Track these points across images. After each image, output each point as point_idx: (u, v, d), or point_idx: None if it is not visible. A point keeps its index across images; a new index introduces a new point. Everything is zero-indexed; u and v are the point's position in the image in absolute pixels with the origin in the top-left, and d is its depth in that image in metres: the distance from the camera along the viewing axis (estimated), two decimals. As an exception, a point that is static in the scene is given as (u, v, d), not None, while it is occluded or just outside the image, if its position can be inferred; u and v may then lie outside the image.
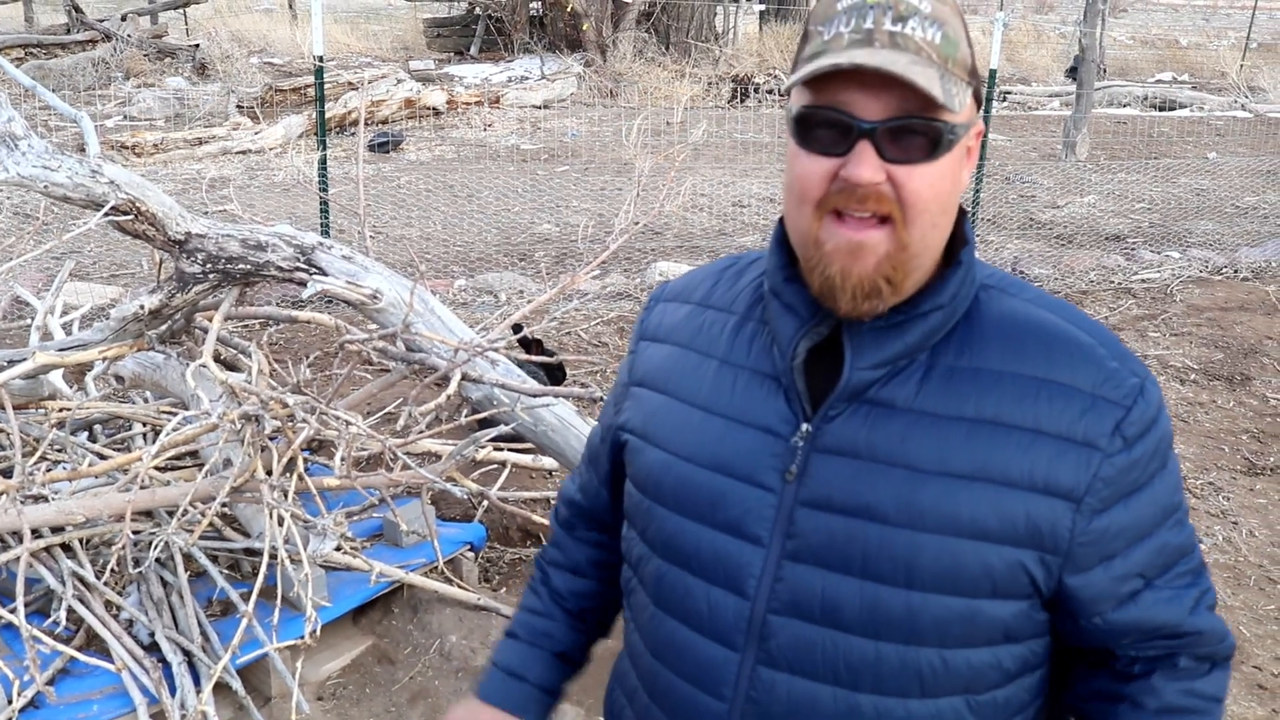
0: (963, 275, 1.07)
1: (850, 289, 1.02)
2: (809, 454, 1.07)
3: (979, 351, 1.07)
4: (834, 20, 1.00)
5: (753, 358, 1.13)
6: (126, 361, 3.42)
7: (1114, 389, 1.05)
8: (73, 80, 11.79)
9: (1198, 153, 11.11)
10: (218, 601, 2.94)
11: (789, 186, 1.05)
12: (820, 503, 1.06)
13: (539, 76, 13.93)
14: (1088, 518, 1.04)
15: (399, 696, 2.91)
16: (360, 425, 2.82)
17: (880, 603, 1.04)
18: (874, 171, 0.98)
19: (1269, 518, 4.11)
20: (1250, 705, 3.05)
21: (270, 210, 7.57)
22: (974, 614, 1.04)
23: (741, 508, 1.09)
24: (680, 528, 1.13)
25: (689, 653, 1.13)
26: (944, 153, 1.00)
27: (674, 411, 1.17)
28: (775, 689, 1.08)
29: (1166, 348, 5.82)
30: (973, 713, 1.08)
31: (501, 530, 3.67)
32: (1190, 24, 25.16)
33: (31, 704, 2.50)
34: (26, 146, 2.91)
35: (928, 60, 0.97)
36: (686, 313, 1.22)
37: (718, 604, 1.11)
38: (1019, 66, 16.97)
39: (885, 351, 1.06)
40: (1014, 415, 1.04)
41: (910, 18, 0.98)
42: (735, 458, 1.10)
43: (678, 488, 1.14)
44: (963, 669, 1.06)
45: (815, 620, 1.06)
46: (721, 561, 1.10)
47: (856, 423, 1.06)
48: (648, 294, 6.29)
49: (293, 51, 15.66)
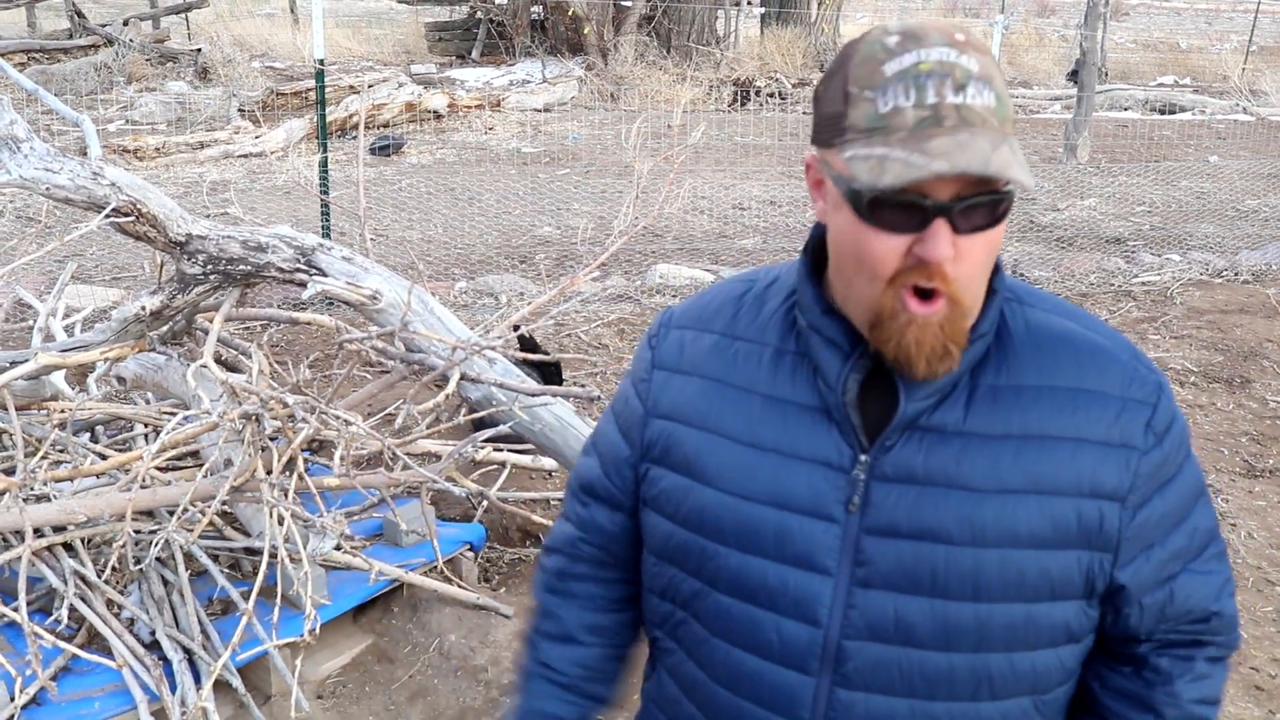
0: (999, 303, 1.12)
1: (925, 357, 1.04)
2: (869, 484, 1.10)
3: (1016, 369, 1.11)
4: (887, 89, 0.97)
5: (797, 391, 1.14)
6: (128, 363, 3.44)
7: (1139, 389, 1.12)
8: (75, 85, 11.82)
9: (1199, 156, 11.12)
10: (218, 600, 2.95)
11: (854, 258, 1.04)
12: (885, 529, 1.09)
13: (540, 80, 13.96)
14: (1132, 513, 1.11)
15: (398, 695, 2.92)
16: (360, 425, 2.84)
17: (950, 617, 1.09)
18: (948, 247, 0.99)
19: (1267, 520, 4.11)
20: (1247, 706, 3.05)
21: (271, 213, 7.59)
22: (1036, 617, 1.10)
23: (808, 541, 1.11)
24: (744, 564, 1.14)
25: (761, 680, 1.16)
26: (1005, 217, 1.03)
27: (723, 449, 1.16)
28: (854, 708, 1.12)
29: (1166, 350, 5.83)
30: (1039, 711, 1.15)
31: (501, 530, 3.69)
32: (1192, 27, 25.18)
33: (34, 701, 2.52)
34: (29, 149, 2.93)
35: (996, 134, 0.97)
36: (712, 343, 1.20)
37: (789, 634, 1.13)
38: (1020, 70, 16.99)
39: (935, 383, 1.08)
40: (1058, 427, 1.09)
41: (968, 84, 0.97)
42: (795, 493, 1.12)
43: (739, 526, 1.14)
44: (1028, 671, 1.12)
45: (890, 641, 1.10)
46: (791, 594, 1.12)
47: (911, 450, 1.09)
48: (648, 296, 6.33)
49: (294, 56, 15.70)
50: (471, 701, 2.87)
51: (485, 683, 2.92)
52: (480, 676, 2.94)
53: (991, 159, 0.95)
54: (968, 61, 0.97)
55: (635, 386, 1.26)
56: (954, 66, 0.97)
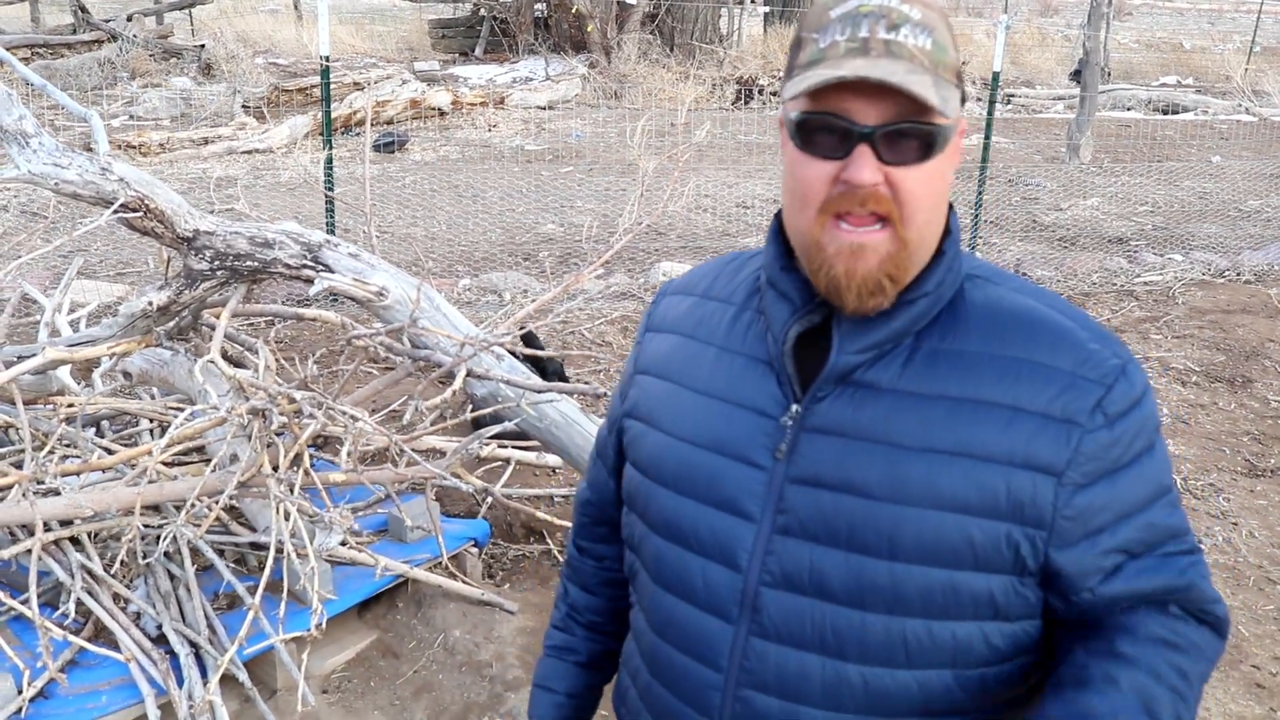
0: (947, 264, 1.12)
1: (855, 288, 1.07)
2: (798, 433, 1.12)
3: (962, 335, 1.11)
4: (829, 28, 1.04)
5: (748, 344, 1.18)
6: (134, 358, 3.45)
7: (1094, 369, 1.09)
8: (79, 80, 11.83)
9: (1201, 156, 11.12)
10: (224, 595, 2.97)
11: (790, 190, 1.10)
12: (809, 479, 1.11)
13: (543, 78, 13.96)
14: (1070, 492, 1.07)
15: (403, 690, 2.93)
16: (367, 420, 2.85)
17: (865, 573, 1.08)
18: (873, 173, 1.03)
19: (1269, 519, 4.12)
20: (1248, 704, 3.06)
21: (275, 209, 7.60)
22: (956, 585, 1.08)
23: (735, 485, 1.14)
24: (679, 506, 1.18)
25: (687, 626, 1.18)
26: (937, 153, 1.05)
27: (675, 396, 1.22)
28: (767, 659, 1.13)
29: (1168, 350, 5.83)
30: (961, 688, 1.11)
31: (505, 527, 3.70)
32: (1195, 27, 25.15)
33: (41, 694, 2.53)
34: (38, 144, 2.94)
35: (921, 67, 1.02)
36: (689, 305, 1.28)
37: (713, 578, 1.15)
38: (1023, 69, 16.98)
39: (871, 337, 1.10)
40: (994, 394, 1.08)
41: (903, 25, 1.02)
42: (729, 438, 1.15)
43: (677, 468, 1.19)
44: (948, 641, 1.09)
45: (804, 591, 1.11)
46: (716, 537, 1.15)
47: (843, 404, 1.11)
48: (651, 294, 6.33)
49: (298, 52, 15.71)
50: (476, 697, 2.89)
51: (489, 678, 2.94)
52: (484, 672, 2.96)
53: (900, 75, 1.00)
54: (908, 9, 1.03)
55: (634, 350, 1.34)
56: (891, 10, 1.03)
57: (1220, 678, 3.17)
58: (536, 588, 3.42)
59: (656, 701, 1.22)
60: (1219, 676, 3.18)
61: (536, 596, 3.34)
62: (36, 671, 2.54)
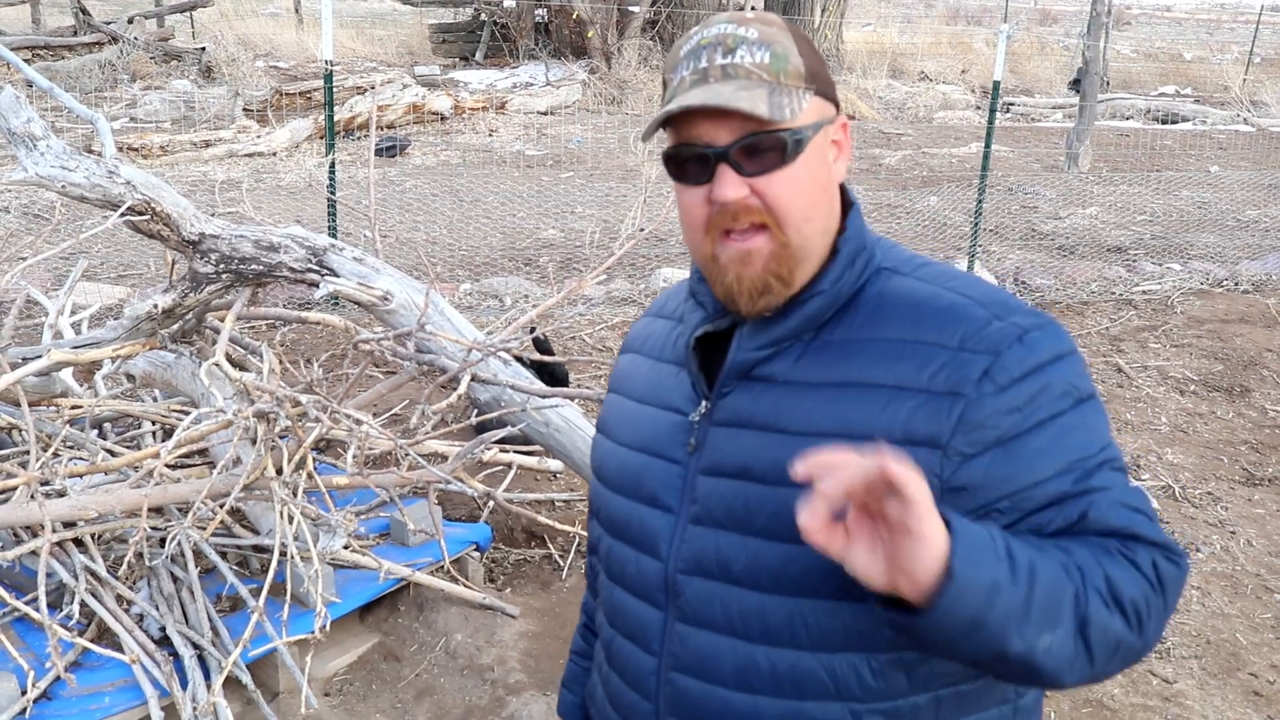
0: (845, 262, 1.17)
1: (746, 290, 1.15)
2: (706, 428, 1.20)
3: (854, 325, 1.16)
4: (679, 66, 1.14)
5: (675, 353, 1.28)
6: (138, 360, 3.46)
7: (983, 340, 1.09)
8: (79, 82, 11.85)
9: (1200, 166, 11.16)
10: (227, 597, 2.98)
11: (680, 218, 1.19)
12: (714, 469, 1.18)
13: (544, 83, 13.98)
14: (956, 462, 1.06)
15: (405, 693, 2.94)
16: (371, 424, 2.86)
17: (761, 555, 1.13)
18: (736, 189, 1.11)
19: (1266, 528, 4.14)
20: (1246, 711, 3.08)
21: (276, 213, 7.61)
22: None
23: (656, 481, 1.23)
24: (619, 505, 1.28)
25: (629, 614, 1.26)
26: (795, 156, 1.11)
27: (621, 407, 1.34)
28: (688, 642, 1.19)
29: (1167, 359, 5.86)
30: (875, 674, 1.10)
31: (507, 531, 3.71)
32: (1194, 38, 25.24)
33: (44, 695, 2.54)
34: (45, 147, 2.95)
35: (758, 81, 1.10)
36: (645, 324, 1.40)
37: (644, 568, 1.24)
38: (1022, 78, 17.04)
39: (769, 335, 1.17)
40: (875, 376, 1.12)
41: (738, 48, 1.11)
42: (653, 437, 1.26)
43: (618, 470, 1.30)
44: (849, 623, 1.09)
45: (713, 576, 1.17)
46: (645, 529, 1.24)
47: (743, 397, 1.18)
48: (651, 299, 6.35)
49: (299, 55, 15.73)
50: (477, 700, 2.89)
51: (491, 682, 2.94)
52: (486, 676, 2.97)
53: (728, 95, 1.08)
54: (744, 31, 1.12)
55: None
56: (727, 36, 1.12)
57: (1218, 685, 3.19)
58: (538, 592, 3.44)
59: (614, 691, 1.29)
60: (1217, 684, 3.19)
61: (538, 601, 3.35)
62: (41, 672, 2.55)
